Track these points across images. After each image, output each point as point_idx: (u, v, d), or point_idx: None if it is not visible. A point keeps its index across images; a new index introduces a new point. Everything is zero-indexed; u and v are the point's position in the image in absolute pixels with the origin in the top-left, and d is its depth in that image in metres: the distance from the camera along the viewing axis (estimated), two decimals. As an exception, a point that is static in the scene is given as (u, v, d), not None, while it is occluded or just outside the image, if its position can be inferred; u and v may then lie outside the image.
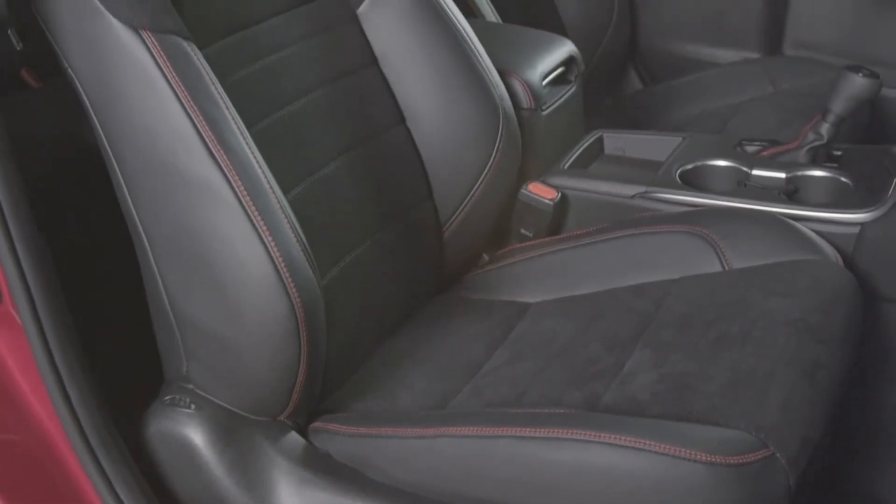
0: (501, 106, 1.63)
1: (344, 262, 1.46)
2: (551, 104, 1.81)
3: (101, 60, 1.22)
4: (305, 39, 1.52)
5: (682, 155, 1.83)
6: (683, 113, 2.40)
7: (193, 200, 1.22)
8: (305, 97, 1.48)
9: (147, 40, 1.20)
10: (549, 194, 1.75)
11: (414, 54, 1.60)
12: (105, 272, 1.54)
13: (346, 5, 1.60)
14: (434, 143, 1.61)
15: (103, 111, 1.25)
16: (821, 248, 1.50)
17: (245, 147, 1.23)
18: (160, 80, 1.19)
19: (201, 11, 1.35)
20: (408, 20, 1.60)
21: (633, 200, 1.72)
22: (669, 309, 1.42)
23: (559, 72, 1.84)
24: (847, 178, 1.69)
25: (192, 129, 1.19)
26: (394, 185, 1.58)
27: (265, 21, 1.47)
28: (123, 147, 1.25)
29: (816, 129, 1.73)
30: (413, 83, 1.60)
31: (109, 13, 1.19)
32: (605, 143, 1.96)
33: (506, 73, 1.73)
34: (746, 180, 1.75)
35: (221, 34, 1.39)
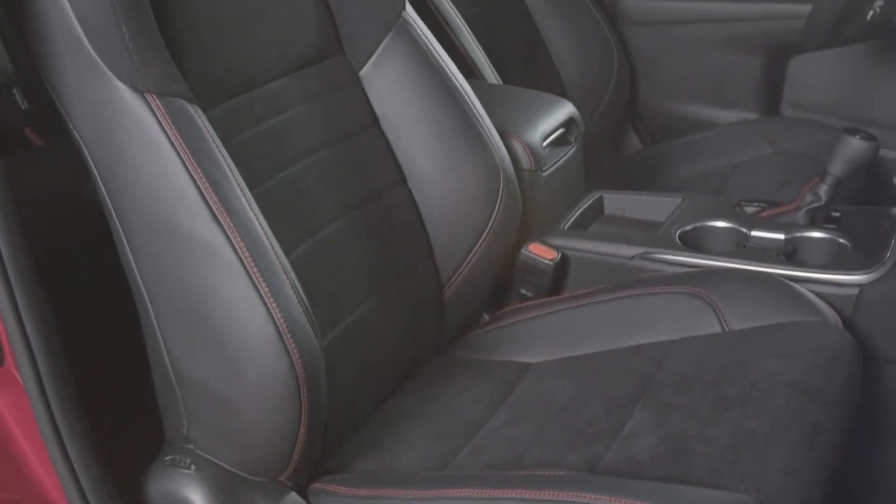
0: (502, 167, 1.65)
1: (345, 322, 1.47)
2: (552, 165, 1.82)
3: (106, 123, 1.23)
4: (308, 101, 1.53)
5: (681, 216, 1.84)
6: (683, 173, 2.41)
7: (196, 261, 1.22)
8: (307, 158, 1.49)
9: (152, 103, 1.21)
10: (549, 255, 1.76)
11: (415, 116, 1.61)
12: (106, 331, 1.54)
13: (349, 67, 1.62)
14: (435, 204, 1.62)
15: (107, 172, 1.26)
16: (820, 310, 1.50)
17: (248, 209, 1.24)
18: (164, 143, 1.20)
19: (206, 74, 1.37)
20: (409, 82, 1.61)
21: (632, 261, 1.73)
22: (669, 370, 1.43)
23: (559, 133, 1.86)
24: (846, 239, 1.69)
25: (196, 192, 1.20)
26: (395, 245, 1.59)
27: (269, 83, 1.48)
28: (127, 207, 1.26)
29: (815, 191, 1.75)
30: (414, 144, 1.61)
31: (115, 76, 1.21)
32: (605, 203, 1.97)
33: (507, 134, 1.74)
34: (746, 241, 1.75)
35: (226, 96, 1.40)
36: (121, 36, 1.21)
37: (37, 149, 1.58)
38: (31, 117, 1.50)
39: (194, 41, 1.36)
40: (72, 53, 1.23)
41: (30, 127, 1.57)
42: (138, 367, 1.38)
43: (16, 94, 1.45)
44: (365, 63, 1.61)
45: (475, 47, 2.13)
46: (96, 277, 1.46)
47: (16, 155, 1.51)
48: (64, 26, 1.22)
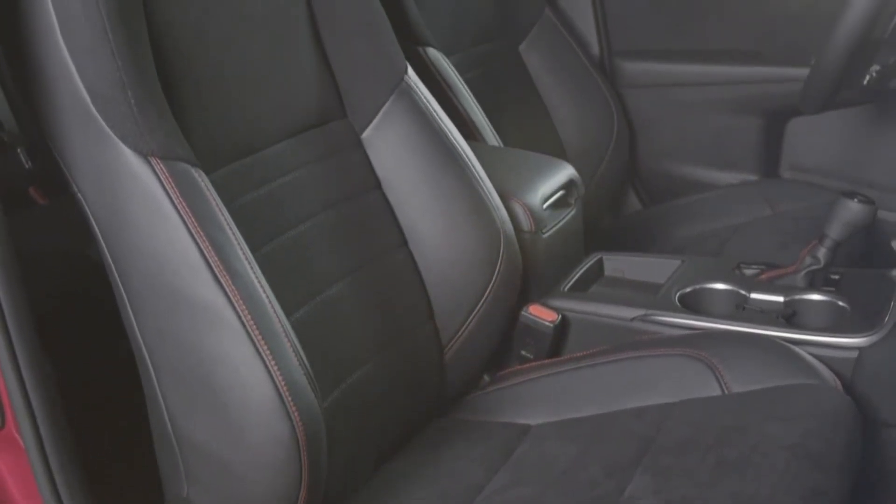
0: (502, 229, 1.66)
1: (345, 384, 1.47)
2: (552, 227, 1.83)
3: (110, 186, 1.24)
4: (311, 164, 1.55)
5: (681, 278, 1.84)
6: (682, 234, 2.42)
7: (198, 323, 1.23)
8: (309, 220, 1.50)
9: (156, 167, 1.22)
10: (549, 316, 1.76)
11: (416, 178, 1.63)
12: (107, 392, 1.54)
13: (351, 130, 1.64)
14: (436, 266, 1.63)
15: (110, 234, 1.27)
16: (819, 373, 1.50)
17: (250, 271, 1.25)
18: (168, 207, 1.21)
19: (210, 137, 1.38)
20: (410, 145, 1.63)
21: (632, 323, 1.73)
22: (669, 433, 1.43)
23: (560, 195, 1.86)
24: (845, 302, 1.70)
25: (199, 255, 1.21)
26: (395, 307, 1.60)
27: (272, 146, 1.50)
28: (129, 269, 1.27)
29: (814, 254, 1.75)
30: (415, 207, 1.63)
31: (120, 140, 1.22)
32: (605, 265, 1.98)
33: (507, 196, 1.75)
34: (745, 303, 1.76)
35: (229, 159, 1.42)
36: (126, 101, 1.22)
37: (40, 207, 1.59)
38: (35, 176, 1.52)
39: (198, 105, 1.38)
40: (77, 117, 1.24)
41: (33, 186, 1.58)
42: (138, 428, 1.38)
43: (20, 154, 1.46)
44: (367, 126, 1.63)
45: (476, 109, 2.15)
46: (97, 337, 1.47)
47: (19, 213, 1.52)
48: (70, 90, 1.24)
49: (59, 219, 1.47)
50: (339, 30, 1.62)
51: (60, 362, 1.32)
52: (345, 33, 1.62)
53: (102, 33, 1.22)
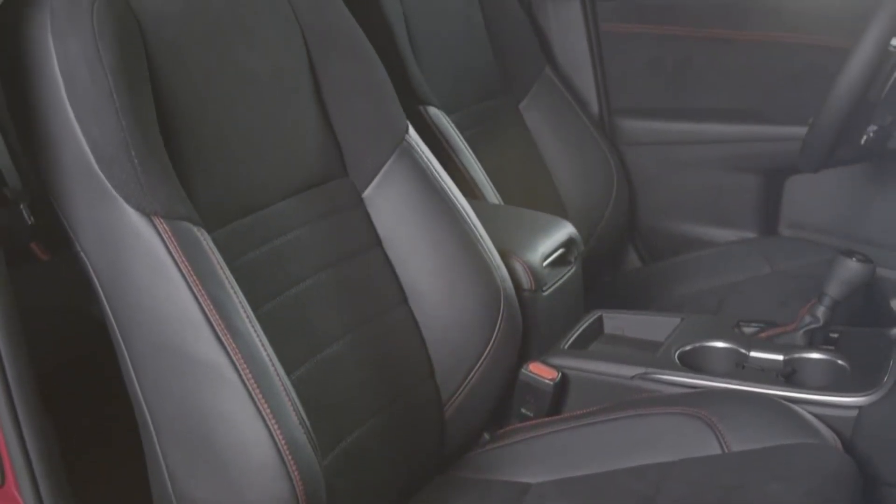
0: (502, 287, 1.67)
1: (345, 442, 1.47)
2: (552, 285, 1.84)
3: (113, 244, 1.25)
4: (312, 222, 1.56)
5: (680, 336, 1.85)
6: (682, 291, 2.43)
7: (199, 382, 1.23)
8: (311, 278, 1.51)
9: (159, 226, 1.23)
10: (549, 374, 1.76)
11: (417, 236, 1.64)
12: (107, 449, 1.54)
13: (352, 189, 1.65)
14: (436, 324, 1.64)
15: (112, 292, 1.28)
16: (819, 432, 1.50)
17: (251, 330, 1.26)
18: (170, 266, 1.22)
19: (212, 196, 1.39)
20: (411, 203, 1.64)
21: (632, 381, 1.73)
22: (669, 492, 1.42)
23: (559, 253, 1.87)
24: (844, 361, 1.70)
25: (201, 314, 1.21)
26: (396, 364, 1.60)
27: (273, 204, 1.51)
28: (131, 327, 1.27)
29: (813, 312, 1.76)
30: (416, 265, 1.63)
31: (123, 200, 1.23)
32: (605, 322, 1.98)
33: (507, 254, 1.76)
34: (745, 362, 1.76)
35: (231, 217, 1.43)
36: (130, 161, 1.23)
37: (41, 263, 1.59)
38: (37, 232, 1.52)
39: (201, 164, 1.39)
40: (81, 176, 1.26)
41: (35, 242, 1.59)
42: (138, 486, 1.38)
43: (23, 210, 1.47)
44: (368, 185, 1.64)
45: (476, 167, 2.17)
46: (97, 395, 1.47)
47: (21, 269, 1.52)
48: (74, 150, 1.25)
49: (60, 275, 1.47)
50: (341, 89, 1.63)
51: (60, 419, 1.31)
52: (347, 93, 1.64)
53: (108, 95, 1.24)
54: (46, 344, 1.42)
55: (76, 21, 1.26)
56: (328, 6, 1.66)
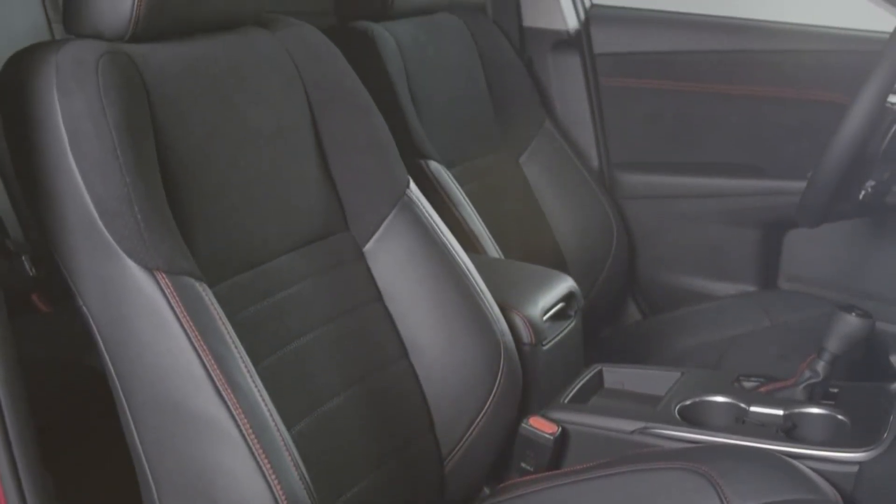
0: (503, 341, 1.67)
1: (346, 497, 1.47)
2: (552, 339, 1.84)
3: (115, 299, 1.26)
4: (313, 276, 1.56)
5: (680, 390, 1.84)
6: (682, 345, 2.43)
7: (199, 436, 1.23)
8: (312, 333, 1.52)
9: (161, 281, 1.24)
10: (549, 429, 1.76)
11: (417, 291, 1.64)
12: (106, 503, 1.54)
13: (353, 243, 1.66)
14: (436, 378, 1.64)
15: (113, 346, 1.28)
16: (820, 488, 1.50)
17: (252, 385, 1.26)
18: (172, 321, 1.23)
19: (214, 250, 1.40)
20: (412, 257, 1.65)
21: (632, 436, 1.73)
22: (670, 548, 1.42)
23: (559, 307, 1.88)
24: (844, 416, 1.70)
25: (202, 369, 1.22)
26: (396, 418, 1.60)
27: (275, 259, 1.52)
28: (132, 382, 1.28)
29: (812, 367, 1.76)
30: (416, 319, 1.64)
31: (125, 255, 1.24)
32: (605, 376, 1.98)
33: (507, 308, 1.77)
34: (745, 417, 1.76)
35: (233, 272, 1.43)
36: (133, 216, 1.25)
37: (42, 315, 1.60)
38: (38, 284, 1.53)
39: (203, 219, 1.40)
40: (84, 231, 1.26)
41: (36, 293, 1.59)
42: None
43: (24, 262, 1.48)
44: (369, 239, 1.65)
45: (476, 221, 2.18)
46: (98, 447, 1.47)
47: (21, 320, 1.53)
48: (78, 205, 1.26)
49: (60, 327, 1.48)
50: (342, 145, 1.65)
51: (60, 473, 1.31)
52: (348, 148, 1.65)
53: (112, 150, 1.25)
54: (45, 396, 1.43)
55: (81, 77, 1.28)
56: (330, 62, 1.68)
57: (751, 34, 2.60)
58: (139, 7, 1.35)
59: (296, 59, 1.63)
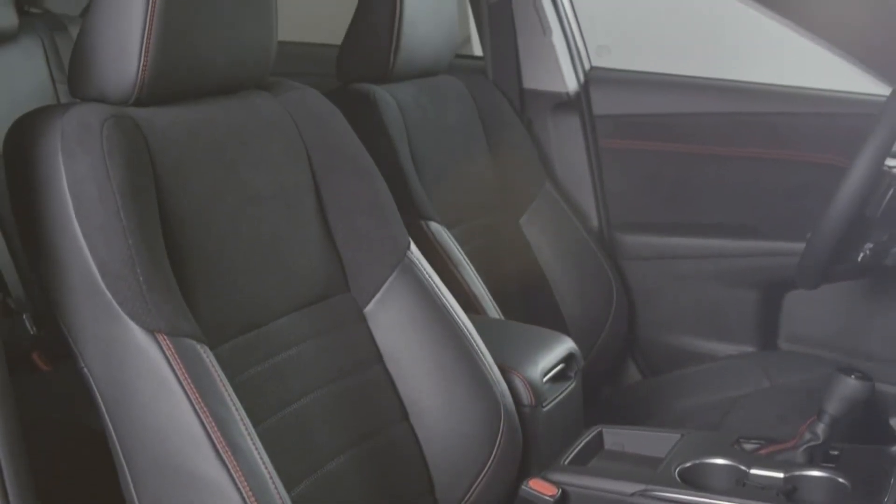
0: (502, 403, 1.67)
1: (345, 559, 1.46)
2: (552, 400, 1.84)
3: (117, 360, 1.27)
4: (314, 338, 1.57)
5: (680, 452, 1.84)
6: (682, 405, 2.42)
7: (199, 498, 1.23)
8: (312, 394, 1.52)
9: (162, 343, 1.25)
10: (549, 491, 1.75)
11: (418, 352, 1.65)
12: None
13: (354, 304, 1.66)
14: (436, 440, 1.64)
15: (114, 408, 1.29)
16: (821, 551, 1.50)
17: (252, 447, 1.26)
18: (173, 383, 1.23)
19: (216, 312, 1.41)
20: (412, 320, 1.65)
21: (632, 498, 1.72)
22: None
23: (559, 368, 1.88)
24: (845, 478, 1.69)
25: (202, 431, 1.22)
26: (396, 481, 1.60)
27: (276, 320, 1.53)
28: (132, 443, 1.28)
29: (812, 429, 1.75)
30: (417, 381, 1.64)
31: (128, 317, 1.25)
32: (605, 438, 1.97)
33: (507, 370, 1.77)
34: (745, 479, 1.75)
35: (234, 333, 1.44)
36: (135, 278, 1.26)
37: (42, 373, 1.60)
38: (39, 342, 1.54)
39: (205, 280, 1.41)
40: (87, 293, 1.27)
41: (37, 352, 1.60)
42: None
43: (26, 320, 1.48)
44: (370, 301, 1.66)
45: (477, 282, 2.18)
46: None
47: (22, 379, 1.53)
48: (81, 267, 1.27)
49: (61, 386, 1.48)
50: (344, 207, 1.66)
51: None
52: (350, 210, 1.66)
53: (115, 214, 1.26)
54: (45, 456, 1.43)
55: (86, 141, 1.30)
56: (332, 125, 1.70)
57: (749, 96, 2.62)
58: (144, 72, 1.37)
59: (298, 122, 1.64)
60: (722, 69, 2.68)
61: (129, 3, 1.35)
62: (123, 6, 1.36)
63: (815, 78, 2.50)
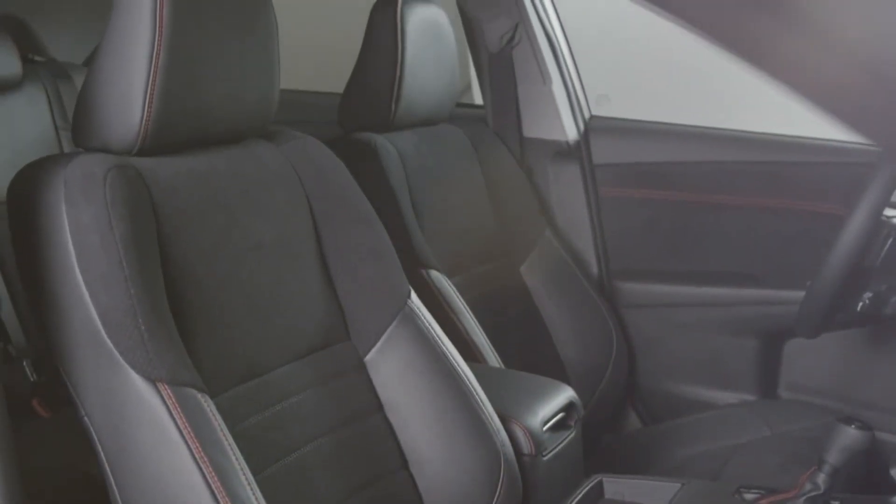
0: (503, 452, 1.67)
1: None
2: (552, 449, 1.84)
3: (118, 410, 1.27)
4: (314, 386, 1.57)
5: (681, 502, 1.83)
6: (683, 453, 2.42)
7: (199, 547, 1.23)
8: (312, 443, 1.52)
9: (163, 392, 1.25)
10: (550, 540, 1.75)
11: (418, 401, 1.65)
12: None
13: (354, 353, 1.67)
14: (436, 489, 1.64)
15: (114, 456, 1.29)
16: None
17: (252, 497, 1.26)
18: (173, 432, 1.24)
19: (217, 361, 1.42)
20: (413, 368, 1.66)
21: (633, 550, 1.72)
22: None
23: (559, 417, 1.88)
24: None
25: (202, 480, 1.22)
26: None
27: (277, 368, 1.53)
28: (132, 491, 1.28)
29: (813, 479, 1.75)
30: (417, 430, 1.64)
31: (129, 366, 1.25)
32: (606, 487, 1.97)
33: (507, 418, 1.77)
34: (747, 529, 1.75)
35: (234, 382, 1.44)
36: (137, 328, 1.26)
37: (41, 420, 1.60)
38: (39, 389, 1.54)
39: (206, 329, 1.42)
40: (88, 341, 1.28)
41: (37, 399, 1.60)
42: None
43: (26, 367, 1.49)
44: (370, 349, 1.66)
45: (477, 330, 2.19)
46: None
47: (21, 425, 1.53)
48: (83, 316, 1.28)
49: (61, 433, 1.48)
50: (345, 256, 1.67)
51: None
52: (351, 259, 1.67)
53: (117, 263, 1.27)
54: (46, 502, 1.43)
55: (89, 191, 1.31)
56: (333, 174, 1.71)
57: (747, 146, 2.64)
58: (147, 122, 1.38)
59: (299, 171, 1.66)
60: (721, 118, 2.70)
61: (133, 54, 1.37)
62: (128, 58, 1.37)
63: (814, 129, 2.51)
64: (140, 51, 1.37)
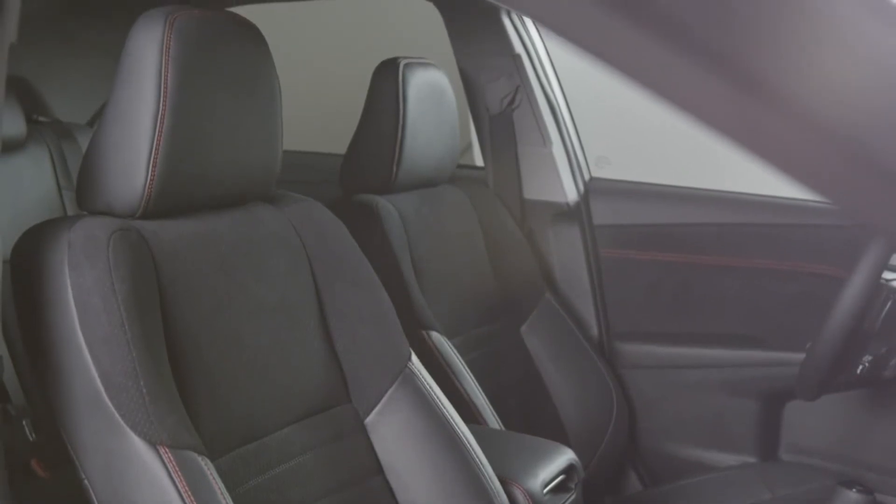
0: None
1: None
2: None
3: (118, 472, 1.27)
4: (314, 449, 1.57)
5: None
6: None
7: None
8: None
9: (164, 455, 1.25)
10: None
11: (418, 464, 1.65)
12: None
13: (355, 415, 1.67)
14: None
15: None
16: None
17: (252, 563, 1.26)
18: (174, 495, 1.24)
19: (217, 424, 1.42)
20: (413, 431, 1.66)
21: None
22: None
23: (560, 480, 1.88)
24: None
25: None
26: None
27: (277, 431, 1.53)
28: (132, 555, 1.28)
29: (814, 543, 1.75)
30: (417, 492, 1.64)
31: (130, 429, 1.26)
32: (606, 550, 1.97)
33: (507, 481, 1.76)
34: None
35: (235, 445, 1.44)
36: (138, 390, 1.26)
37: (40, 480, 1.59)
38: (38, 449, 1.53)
39: (207, 392, 1.42)
40: (89, 403, 1.28)
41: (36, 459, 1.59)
42: None
43: (25, 426, 1.48)
44: (370, 411, 1.66)
45: (477, 392, 2.19)
46: None
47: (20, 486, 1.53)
48: (84, 378, 1.28)
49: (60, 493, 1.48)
50: (345, 317, 1.67)
51: None
52: (351, 321, 1.67)
53: (119, 326, 1.28)
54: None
55: (92, 254, 1.32)
56: (335, 237, 1.72)
57: (748, 208, 2.65)
58: (151, 186, 1.40)
59: (301, 234, 1.67)
60: (722, 181, 2.71)
61: (137, 119, 1.38)
62: (132, 122, 1.39)
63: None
64: (144, 115, 1.38)
